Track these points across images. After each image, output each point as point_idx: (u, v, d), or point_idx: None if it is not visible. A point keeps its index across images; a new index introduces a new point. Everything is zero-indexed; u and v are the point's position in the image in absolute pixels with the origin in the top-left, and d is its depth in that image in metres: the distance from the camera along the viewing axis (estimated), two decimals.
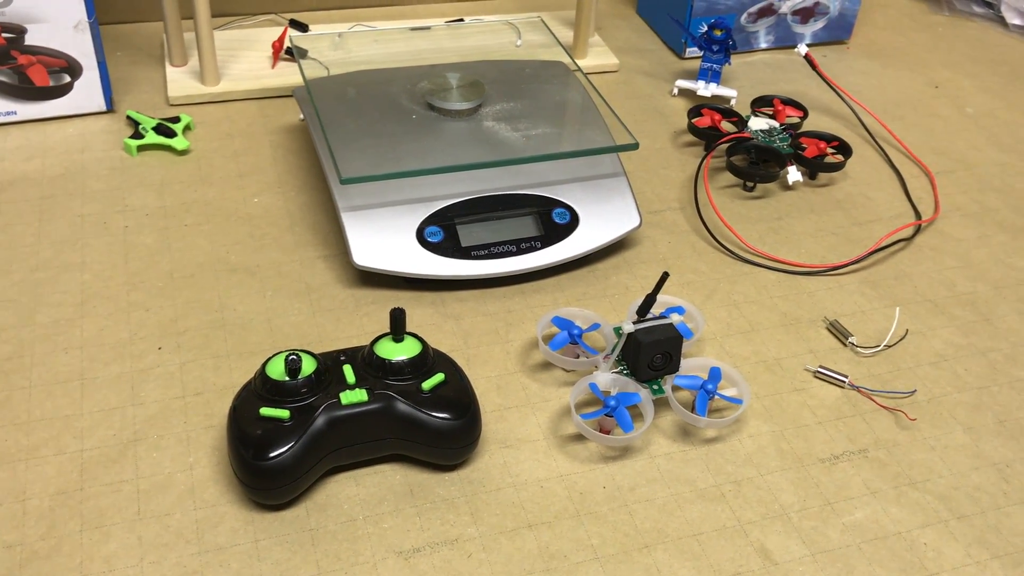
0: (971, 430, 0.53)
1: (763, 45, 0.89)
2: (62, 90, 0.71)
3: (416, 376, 0.47)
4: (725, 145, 0.72)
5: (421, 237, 0.59)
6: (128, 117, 0.72)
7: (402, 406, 0.46)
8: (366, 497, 0.46)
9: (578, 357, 0.53)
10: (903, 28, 0.96)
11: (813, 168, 0.72)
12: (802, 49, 0.80)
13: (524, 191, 0.62)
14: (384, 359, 0.47)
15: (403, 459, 0.48)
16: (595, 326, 0.55)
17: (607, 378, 0.51)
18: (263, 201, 0.65)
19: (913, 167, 0.75)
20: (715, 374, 0.52)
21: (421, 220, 0.59)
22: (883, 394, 0.55)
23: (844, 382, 0.55)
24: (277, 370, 0.46)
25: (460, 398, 0.47)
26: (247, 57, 0.80)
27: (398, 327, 0.48)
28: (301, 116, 0.72)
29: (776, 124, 0.74)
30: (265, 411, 0.45)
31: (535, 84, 0.69)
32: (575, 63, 0.72)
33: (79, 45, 0.70)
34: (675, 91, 0.81)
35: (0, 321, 0.54)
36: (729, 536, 0.46)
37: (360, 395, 0.46)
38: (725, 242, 0.65)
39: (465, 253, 0.59)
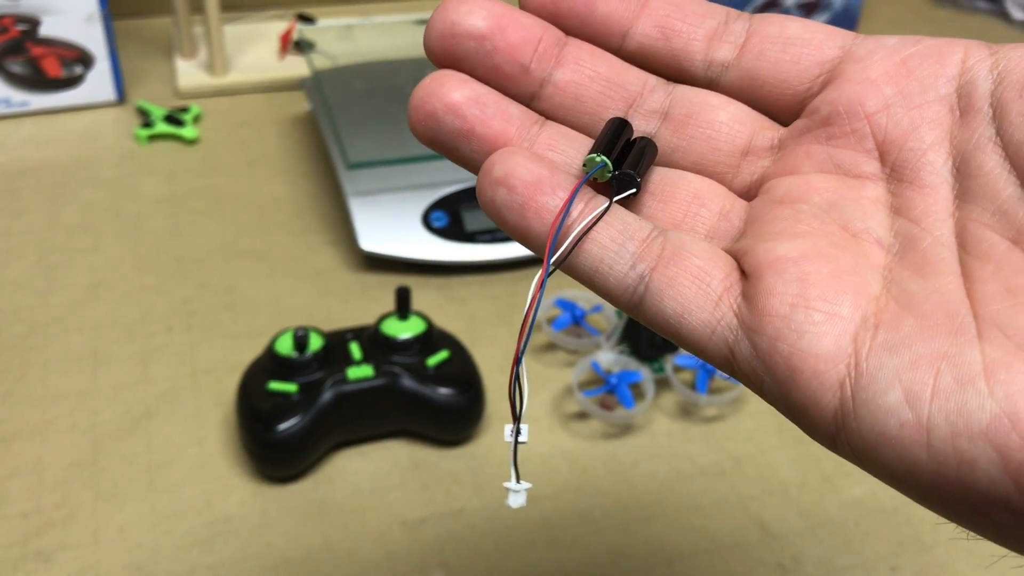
0: None
1: None
2: (74, 81, 0.72)
3: (421, 353, 0.48)
4: None
5: (426, 222, 0.60)
6: (138, 108, 0.73)
7: (407, 382, 0.47)
8: (372, 471, 0.47)
9: (581, 337, 0.54)
10: (907, 22, 0.97)
11: None
12: None
13: None
14: (390, 337, 0.48)
15: (409, 435, 0.49)
16: (597, 308, 0.56)
17: (609, 357, 0.52)
18: (271, 189, 0.67)
19: None
20: None
21: (427, 205, 0.60)
22: None
23: None
24: (285, 346, 0.47)
25: (464, 375, 0.48)
26: (255, 50, 0.81)
27: (403, 305, 0.49)
28: (308, 107, 0.73)
29: None
30: (273, 385, 0.46)
31: None
32: None
33: (91, 36, 0.71)
34: None
35: (15, 302, 0.56)
36: (729, 509, 0.47)
37: (366, 371, 0.47)
38: None
39: (470, 238, 0.60)
